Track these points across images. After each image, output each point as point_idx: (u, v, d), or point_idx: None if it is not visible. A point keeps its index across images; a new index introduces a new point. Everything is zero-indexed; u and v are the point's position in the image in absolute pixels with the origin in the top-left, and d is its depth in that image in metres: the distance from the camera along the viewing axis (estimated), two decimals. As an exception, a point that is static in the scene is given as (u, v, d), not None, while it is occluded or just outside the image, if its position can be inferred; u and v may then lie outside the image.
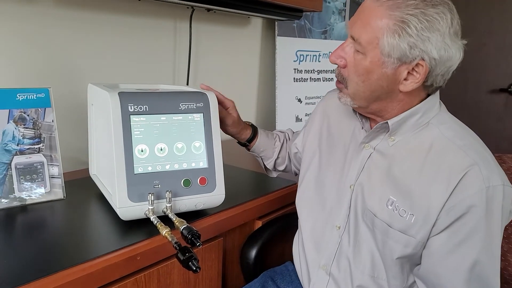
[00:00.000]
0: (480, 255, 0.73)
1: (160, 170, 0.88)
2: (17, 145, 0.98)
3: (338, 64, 0.82)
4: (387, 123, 0.81)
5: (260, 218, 1.12)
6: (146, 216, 0.86)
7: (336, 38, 2.18)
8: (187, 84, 1.62)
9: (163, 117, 0.89)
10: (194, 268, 0.72)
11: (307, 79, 2.07)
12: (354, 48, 0.79)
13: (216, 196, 0.93)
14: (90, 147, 1.11)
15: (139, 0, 1.42)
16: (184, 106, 0.91)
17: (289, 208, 1.18)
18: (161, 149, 0.88)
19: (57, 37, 1.25)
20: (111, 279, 0.76)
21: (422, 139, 0.80)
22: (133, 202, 0.84)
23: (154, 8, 1.49)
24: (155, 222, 0.82)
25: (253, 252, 1.04)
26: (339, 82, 0.84)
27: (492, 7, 2.73)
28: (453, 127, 0.80)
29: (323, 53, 2.11)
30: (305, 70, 2.05)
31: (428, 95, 0.82)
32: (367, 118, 0.90)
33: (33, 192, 0.99)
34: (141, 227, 0.87)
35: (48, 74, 1.25)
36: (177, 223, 0.81)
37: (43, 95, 1.01)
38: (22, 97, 0.98)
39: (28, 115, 0.99)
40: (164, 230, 0.79)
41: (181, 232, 0.79)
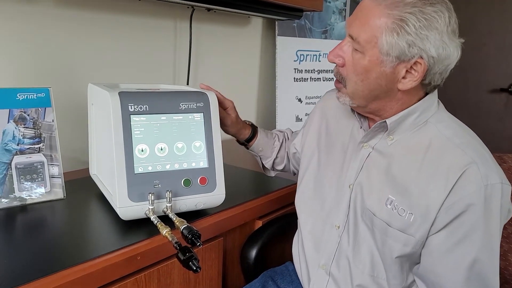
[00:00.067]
0: (479, 253, 0.73)
1: (160, 170, 0.88)
2: (17, 145, 0.98)
3: (336, 63, 0.82)
4: (385, 122, 0.82)
5: (261, 218, 1.12)
6: (146, 216, 0.85)
7: (337, 37, 2.17)
8: (187, 84, 1.62)
9: (163, 116, 0.89)
10: (194, 268, 0.72)
11: (307, 79, 2.07)
12: (352, 47, 0.79)
13: (216, 196, 0.93)
14: (90, 147, 1.11)
15: (139, 0, 1.42)
16: (184, 106, 0.91)
17: (290, 208, 1.18)
18: (161, 149, 0.88)
19: (57, 37, 1.25)
20: (111, 279, 0.76)
21: (421, 138, 0.80)
22: (133, 202, 0.84)
23: (154, 8, 1.49)
24: (155, 222, 0.82)
25: (253, 252, 1.04)
26: (338, 82, 0.84)
27: (492, 7, 2.73)
28: (452, 126, 0.81)
29: (323, 53, 2.11)
30: (305, 70, 2.05)
31: (426, 94, 0.82)
32: (365, 117, 0.90)
33: (33, 192, 0.99)
34: (141, 227, 0.87)
35: (48, 74, 1.25)
36: (177, 223, 0.81)
37: (43, 94, 1.01)
38: (22, 97, 0.98)
39: (28, 115, 0.99)
40: (164, 230, 0.79)
41: (182, 232, 0.79)
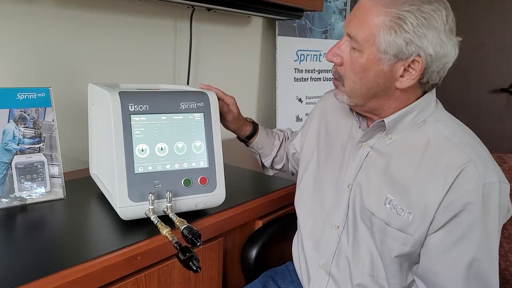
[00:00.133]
0: (478, 252, 0.73)
1: (161, 169, 0.87)
2: (18, 145, 0.98)
3: (334, 62, 0.83)
4: (383, 121, 0.82)
5: (261, 218, 1.11)
6: (147, 215, 0.85)
7: (337, 37, 2.17)
8: (188, 84, 1.62)
9: (163, 116, 0.89)
10: (194, 268, 0.72)
11: (307, 78, 2.06)
12: (350, 46, 0.79)
13: (216, 196, 0.93)
14: (91, 147, 1.11)
15: (139, 0, 1.42)
16: (184, 106, 0.91)
17: (290, 208, 1.18)
18: (162, 149, 0.88)
19: (57, 37, 1.25)
20: (111, 279, 0.76)
21: (419, 137, 0.80)
22: (133, 202, 0.84)
23: (155, 8, 1.49)
24: (156, 222, 0.82)
25: (253, 252, 1.04)
26: (336, 80, 0.85)
27: (492, 7, 2.72)
28: (450, 125, 0.81)
29: (323, 53, 2.11)
30: (305, 70, 2.05)
31: (424, 93, 0.82)
32: (363, 117, 0.90)
33: (33, 192, 0.99)
34: (141, 227, 0.86)
35: (48, 74, 1.24)
36: (177, 223, 0.81)
37: (43, 94, 1.01)
38: (22, 97, 0.98)
39: (28, 115, 0.99)
40: (165, 230, 0.79)
41: (182, 232, 0.79)
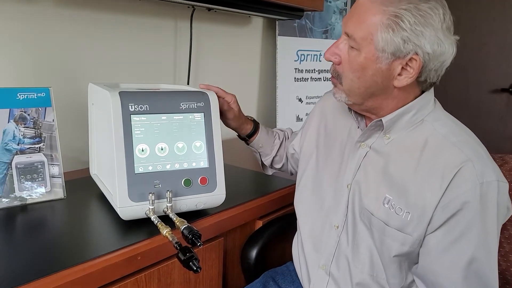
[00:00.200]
0: (476, 251, 0.73)
1: (161, 169, 0.87)
2: (18, 145, 0.98)
3: (332, 61, 0.83)
4: (381, 120, 0.82)
5: (261, 218, 1.11)
6: (147, 215, 0.85)
7: (337, 37, 2.16)
8: (188, 84, 1.61)
9: (163, 116, 0.89)
10: (194, 268, 0.72)
11: (307, 78, 2.06)
12: (348, 45, 0.79)
13: (216, 196, 0.93)
14: (91, 147, 1.11)
15: (139, 0, 1.41)
16: (184, 106, 0.91)
17: (290, 208, 1.17)
18: (162, 149, 0.88)
19: (57, 37, 1.25)
20: (111, 279, 0.76)
21: (417, 137, 0.80)
22: (133, 202, 0.84)
23: (155, 8, 1.49)
24: (156, 222, 0.82)
25: (253, 252, 1.04)
26: (334, 78, 0.85)
27: (493, 7, 2.72)
28: (448, 124, 0.81)
29: (324, 53, 2.11)
30: (306, 70, 2.05)
31: (422, 92, 0.82)
32: (362, 116, 0.90)
33: (33, 192, 0.99)
34: (141, 227, 0.86)
35: (49, 74, 1.24)
36: (177, 223, 0.81)
37: (43, 94, 1.01)
38: (22, 97, 0.98)
39: (28, 115, 0.99)
40: (165, 230, 0.79)
41: (182, 232, 0.78)
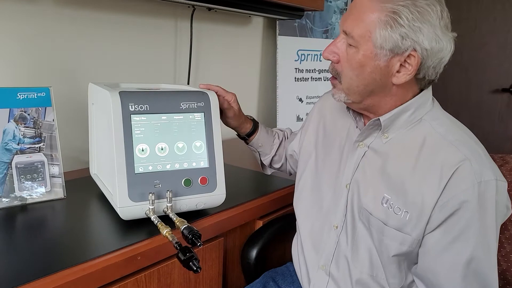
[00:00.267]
0: (475, 250, 0.73)
1: (161, 169, 0.87)
2: (18, 144, 0.98)
3: (331, 60, 0.83)
4: (379, 119, 0.81)
5: (261, 218, 1.11)
6: (147, 215, 0.85)
7: (338, 37, 2.17)
8: (188, 84, 1.61)
9: (164, 116, 0.89)
10: (194, 268, 0.71)
11: (308, 78, 2.06)
12: (346, 43, 0.79)
13: (216, 196, 0.93)
14: (91, 147, 1.11)
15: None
16: (185, 106, 0.90)
17: (290, 208, 1.17)
18: (162, 149, 0.88)
19: (57, 36, 1.25)
20: (111, 279, 0.76)
21: (415, 136, 0.80)
22: (133, 202, 0.84)
23: (155, 7, 1.48)
24: (156, 221, 0.82)
25: (254, 252, 1.04)
26: (334, 78, 0.85)
27: (494, 7, 2.72)
28: (446, 123, 0.80)
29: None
30: (306, 70, 2.04)
31: (421, 90, 0.82)
32: (360, 116, 0.90)
33: (33, 192, 0.99)
34: (141, 226, 0.86)
35: (49, 73, 1.24)
36: (177, 223, 0.81)
37: (43, 94, 1.01)
38: (22, 96, 0.98)
39: (28, 114, 0.99)
40: (165, 230, 0.79)
41: (182, 232, 0.78)
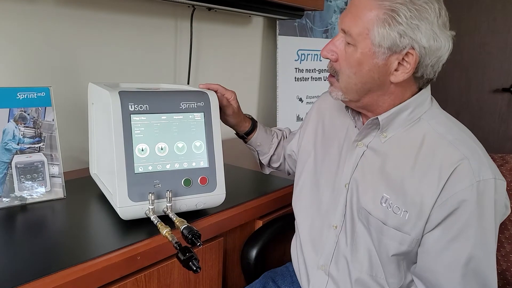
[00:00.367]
0: (474, 250, 0.73)
1: (161, 169, 0.87)
2: (18, 144, 0.98)
3: (329, 58, 0.83)
4: (377, 118, 0.81)
5: (261, 218, 1.11)
6: (147, 215, 0.85)
7: (338, 37, 2.17)
8: (188, 83, 1.61)
9: (163, 116, 0.89)
10: (194, 268, 0.71)
11: (308, 78, 2.06)
12: (345, 41, 0.79)
13: (216, 196, 0.93)
14: (91, 147, 1.11)
15: (140, -1, 1.42)
16: (184, 106, 0.90)
17: (290, 208, 1.17)
18: (162, 149, 0.88)
19: (57, 36, 1.25)
20: (111, 279, 0.76)
21: (414, 135, 0.80)
22: (133, 202, 0.84)
23: (155, 7, 1.48)
24: (156, 221, 0.82)
25: (253, 252, 1.04)
26: (331, 76, 0.85)
27: (495, 7, 2.72)
28: (444, 122, 0.80)
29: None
30: (306, 69, 2.04)
31: (419, 89, 0.82)
32: (359, 115, 0.90)
33: (33, 191, 0.99)
34: (141, 226, 0.86)
35: (49, 73, 1.24)
36: (177, 223, 0.81)
37: (43, 94, 1.01)
38: (22, 96, 0.98)
39: (28, 114, 0.99)
40: (165, 230, 0.79)
41: (182, 232, 0.78)
